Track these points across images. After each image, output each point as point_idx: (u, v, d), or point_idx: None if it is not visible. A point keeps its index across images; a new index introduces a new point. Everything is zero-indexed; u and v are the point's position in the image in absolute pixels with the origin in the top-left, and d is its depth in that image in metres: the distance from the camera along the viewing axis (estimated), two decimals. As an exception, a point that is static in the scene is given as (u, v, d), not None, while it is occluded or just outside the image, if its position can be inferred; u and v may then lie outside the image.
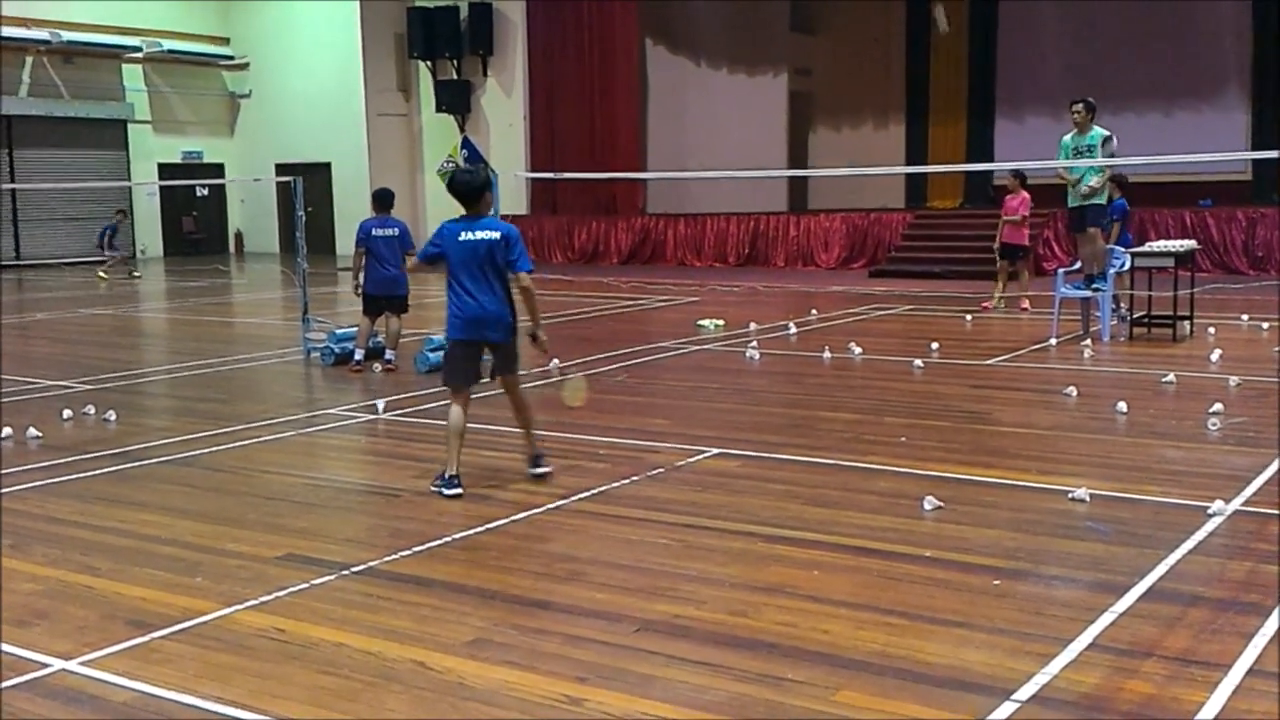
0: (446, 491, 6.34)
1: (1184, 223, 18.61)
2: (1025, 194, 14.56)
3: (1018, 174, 14.74)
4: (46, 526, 5.98)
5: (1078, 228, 12.09)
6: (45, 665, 4.22)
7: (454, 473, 6.38)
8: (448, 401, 6.68)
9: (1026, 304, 14.31)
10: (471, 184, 6.53)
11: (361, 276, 10.96)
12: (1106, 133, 11.60)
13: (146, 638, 4.45)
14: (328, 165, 28.23)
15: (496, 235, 6.45)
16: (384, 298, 10.88)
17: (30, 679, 4.11)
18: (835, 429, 7.99)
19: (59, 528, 5.96)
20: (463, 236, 6.45)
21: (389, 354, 10.80)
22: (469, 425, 6.64)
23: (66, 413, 8.85)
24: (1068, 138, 11.84)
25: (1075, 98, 11.90)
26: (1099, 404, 8.55)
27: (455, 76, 27.09)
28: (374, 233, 10.79)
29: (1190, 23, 22.79)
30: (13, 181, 26.23)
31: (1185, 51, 22.78)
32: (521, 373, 6.97)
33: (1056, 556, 5.23)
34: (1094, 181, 11.68)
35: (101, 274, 23.08)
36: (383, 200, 11.05)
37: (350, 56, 27.73)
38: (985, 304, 14.66)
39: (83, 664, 4.23)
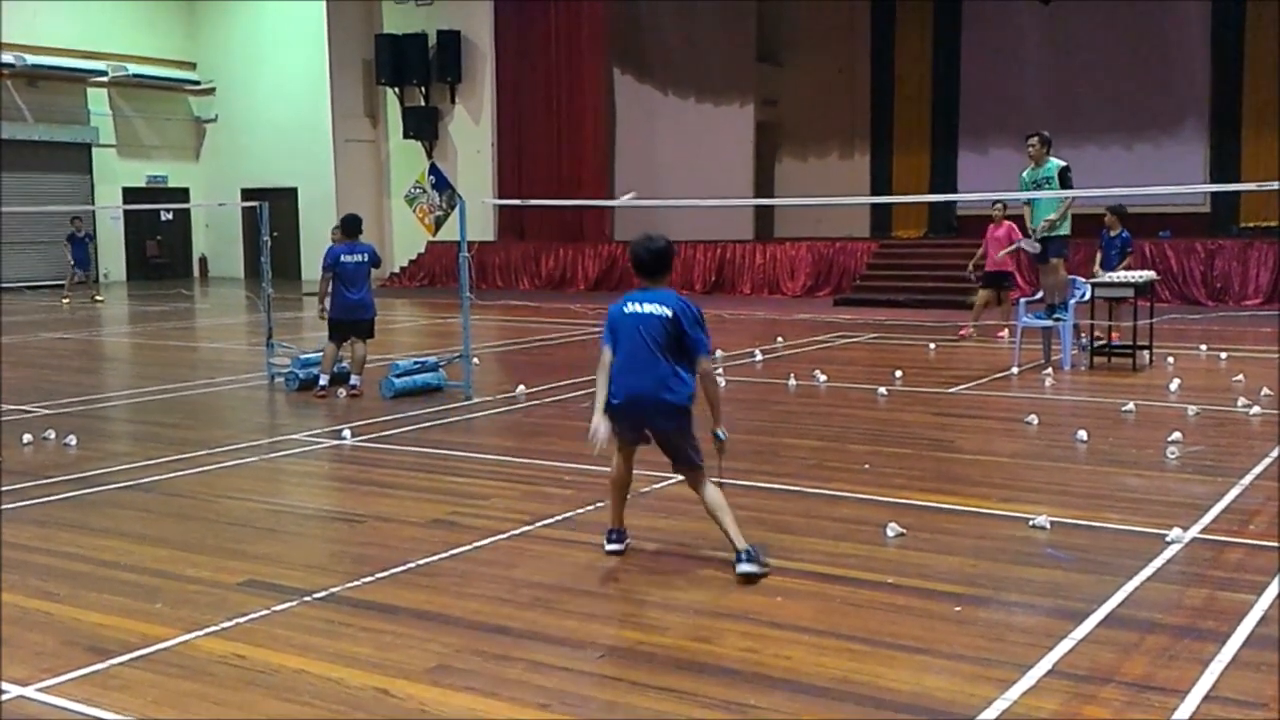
0: (607, 546, 5.75)
1: (1144, 253, 18.82)
2: (1009, 223, 14.68)
3: (1002, 205, 14.83)
4: (4, 551, 5.91)
5: (1040, 259, 12.20)
6: (2, 691, 4.17)
7: (613, 526, 5.81)
8: (414, 427, 6.58)
9: (1005, 333, 14.27)
10: (650, 251, 5.65)
11: (328, 302, 10.95)
12: (1063, 163, 11.72)
13: (105, 664, 4.41)
14: (294, 190, 28.18)
15: (669, 312, 5.51)
16: (349, 323, 10.85)
17: (-14, 706, 4.06)
18: (799, 455, 8.02)
19: (17, 553, 5.89)
20: (629, 309, 5.60)
21: (354, 379, 10.77)
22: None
23: (26, 437, 8.76)
24: (1025, 172, 11.95)
25: (1030, 132, 12.04)
26: (1060, 432, 8.63)
27: (423, 103, 27.14)
28: (342, 259, 10.77)
29: (1151, 57, 23.17)
30: (-25, 204, 26.01)
31: (1146, 85, 23.14)
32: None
33: (1017, 583, 5.27)
34: (1053, 215, 11.77)
35: (64, 300, 22.90)
36: (350, 227, 11.04)
37: (318, 82, 27.73)
38: (963, 331, 14.74)
39: (40, 690, 4.18)
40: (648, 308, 5.53)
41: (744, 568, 5.29)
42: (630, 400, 5.48)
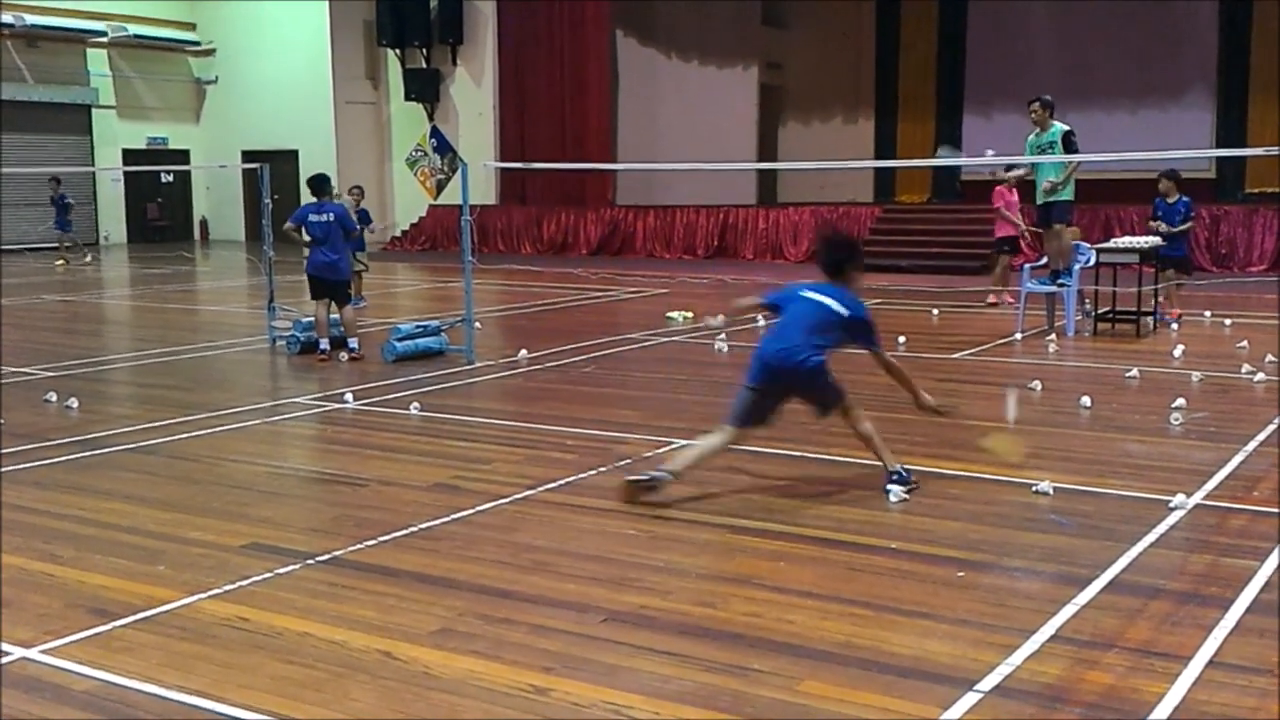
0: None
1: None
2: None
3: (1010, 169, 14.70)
4: (8, 514, 5.91)
5: (1044, 223, 12.16)
6: (6, 653, 4.18)
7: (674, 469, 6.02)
8: (416, 391, 6.60)
9: (1010, 298, 14.15)
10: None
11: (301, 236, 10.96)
12: (1066, 127, 11.65)
13: (109, 626, 4.41)
14: (295, 153, 28.03)
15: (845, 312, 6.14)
16: (321, 281, 10.84)
17: (-10, 667, 4.07)
18: (802, 421, 7.95)
19: (20, 515, 5.90)
20: (805, 294, 6.24)
21: (351, 342, 10.76)
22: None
23: (30, 399, 8.75)
24: (1031, 137, 11.90)
25: (1032, 97, 11.96)
26: (1063, 398, 8.62)
27: (424, 65, 26.97)
28: (310, 218, 10.78)
29: (1159, 22, 22.99)
30: (-25, 166, 25.88)
31: (1153, 50, 22.98)
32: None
33: (1020, 549, 5.27)
34: (1056, 178, 11.70)
35: (58, 262, 22.75)
36: (316, 186, 11.01)
37: (318, 44, 27.56)
38: (992, 299, 14.53)
39: (44, 652, 4.19)
40: (823, 298, 6.18)
41: (893, 489, 5.99)
42: (773, 359, 6.10)
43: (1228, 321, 12.53)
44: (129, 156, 28.82)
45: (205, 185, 30.80)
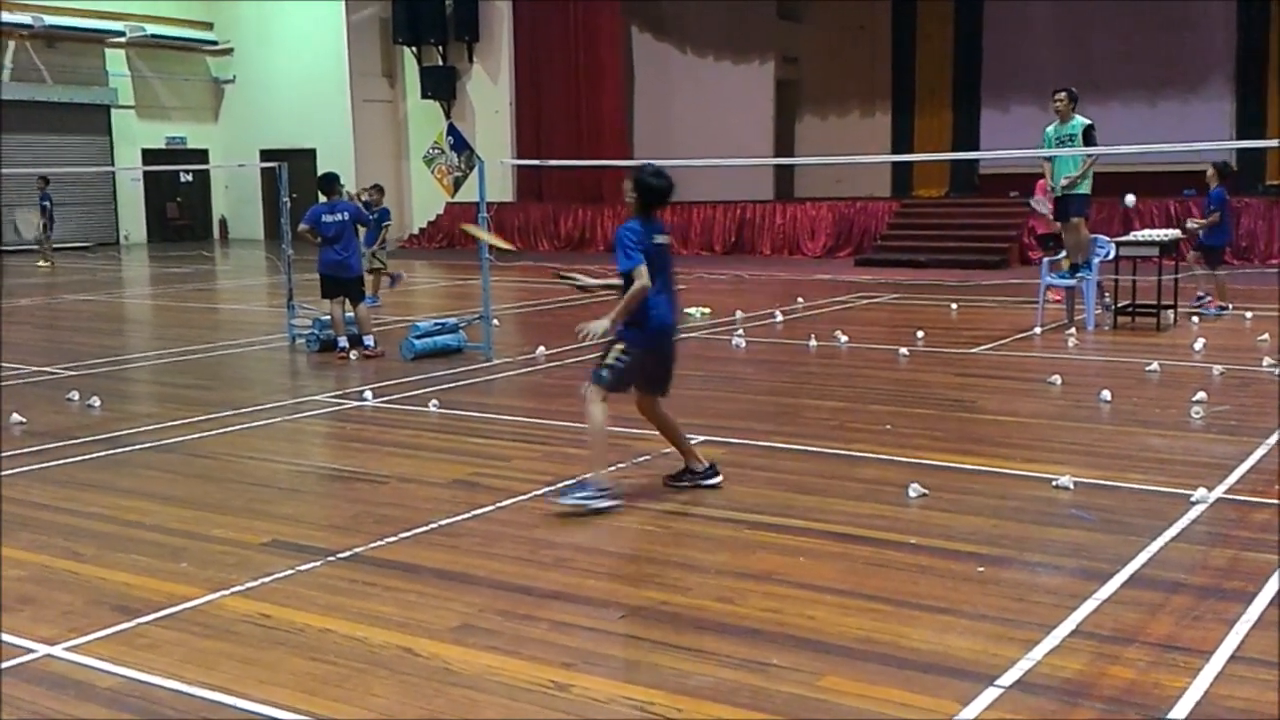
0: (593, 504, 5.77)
1: (1168, 212, 18.65)
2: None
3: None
4: (31, 512, 5.96)
5: (1061, 217, 12.11)
6: (30, 650, 4.21)
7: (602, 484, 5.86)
8: (435, 388, 6.61)
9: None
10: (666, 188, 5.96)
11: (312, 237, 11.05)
12: (1088, 122, 11.61)
13: (132, 623, 4.44)
14: (312, 151, 28.11)
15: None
16: (333, 279, 10.92)
17: (15, 664, 4.10)
18: (821, 417, 8.00)
19: (43, 513, 5.94)
20: (656, 239, 5.92)
21: (367, 339, 10.80)
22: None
23: (52, 398, 8.80)
24: (1050, 128, 11.85)
25: (1058, 87, 11.89)
26: (1083, 392, 8.59)
27: (441, 63, 27.02)
28: (323, 218, 10.83)
29: (1176, 12, 22.85)
30: (-5, 166, 26.00)
31: (1171, 41, 22.84)
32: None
33: (1040, 543, 5.26)
34: (1074, 172, 11.65)
35: (41, 262, 22.58)
36: (326, 185, 11.07)
37: (335, 42, 27.63)
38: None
39: (68, 649, 4.22)
40: (667, 238, 6.11)
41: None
42: (672, 323, 6.14)
43: (1248, 315, 12.45)
44: (148, 156, 28.96)
45: (224, 184, 30.93)
